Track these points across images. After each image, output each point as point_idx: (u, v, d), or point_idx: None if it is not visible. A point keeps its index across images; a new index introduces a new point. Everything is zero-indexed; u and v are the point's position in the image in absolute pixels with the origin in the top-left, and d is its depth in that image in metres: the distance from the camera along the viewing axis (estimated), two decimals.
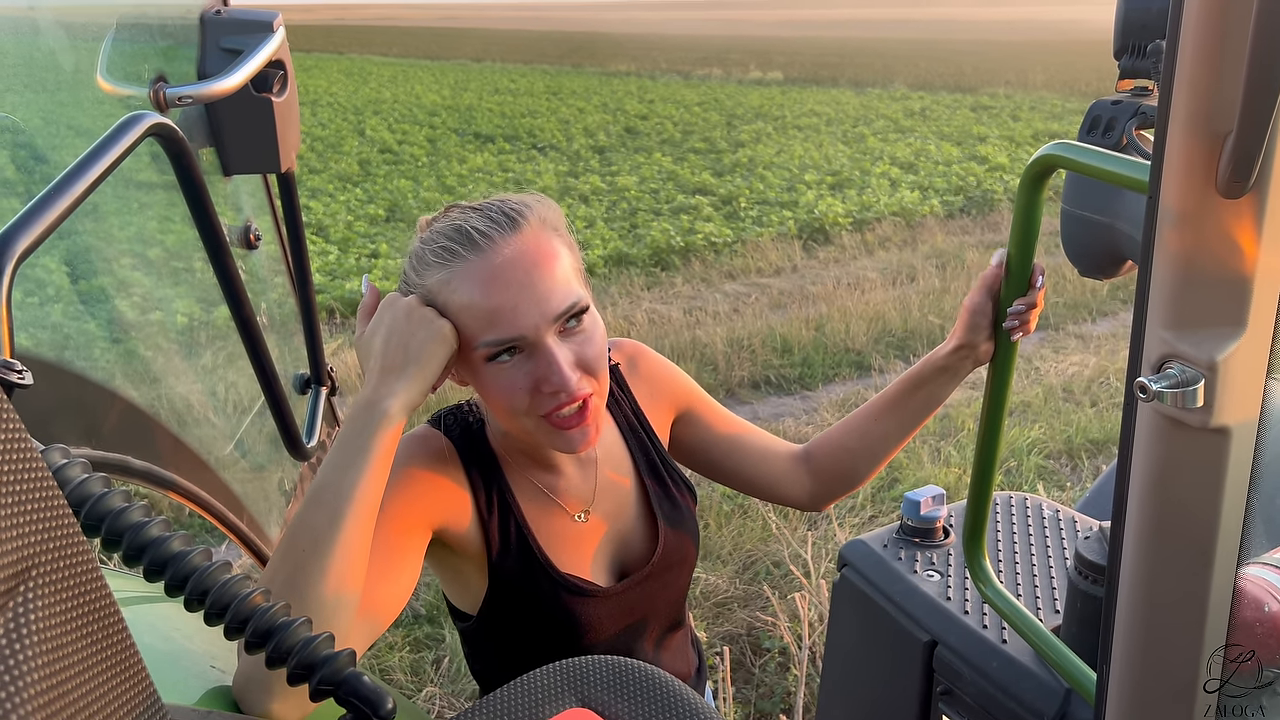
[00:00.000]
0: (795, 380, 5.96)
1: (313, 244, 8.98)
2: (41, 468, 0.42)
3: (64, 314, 1.29)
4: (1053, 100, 21.46)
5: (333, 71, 32.19)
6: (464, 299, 1.06)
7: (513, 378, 1.08)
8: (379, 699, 0.64)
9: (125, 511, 0.62)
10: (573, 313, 1.08)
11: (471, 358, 1.08)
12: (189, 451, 1.26)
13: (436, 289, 1.08)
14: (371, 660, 3.29)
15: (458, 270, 1.06)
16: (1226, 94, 0.70)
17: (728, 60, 35.67)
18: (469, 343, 1.07)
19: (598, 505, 1.31)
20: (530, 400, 1.08)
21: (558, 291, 1.07)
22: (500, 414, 1.14)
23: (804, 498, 1.48)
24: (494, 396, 1.10)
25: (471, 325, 1.06)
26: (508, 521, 1.22)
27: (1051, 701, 1.38)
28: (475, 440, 1.24)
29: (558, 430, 1.11)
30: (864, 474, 1.46)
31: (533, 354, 1.07)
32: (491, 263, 1.06)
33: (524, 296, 1.05)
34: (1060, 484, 4.55)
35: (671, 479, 1.38)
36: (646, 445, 1.38)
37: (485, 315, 1.05)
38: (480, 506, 1.20)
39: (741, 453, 1.46)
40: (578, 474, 1.30)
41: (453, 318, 1.07)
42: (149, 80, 1.14)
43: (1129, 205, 1.17)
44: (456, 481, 1.20)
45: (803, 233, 9.69)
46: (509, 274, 1.05)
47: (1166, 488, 0.83)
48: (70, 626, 0.42)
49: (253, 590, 0.65)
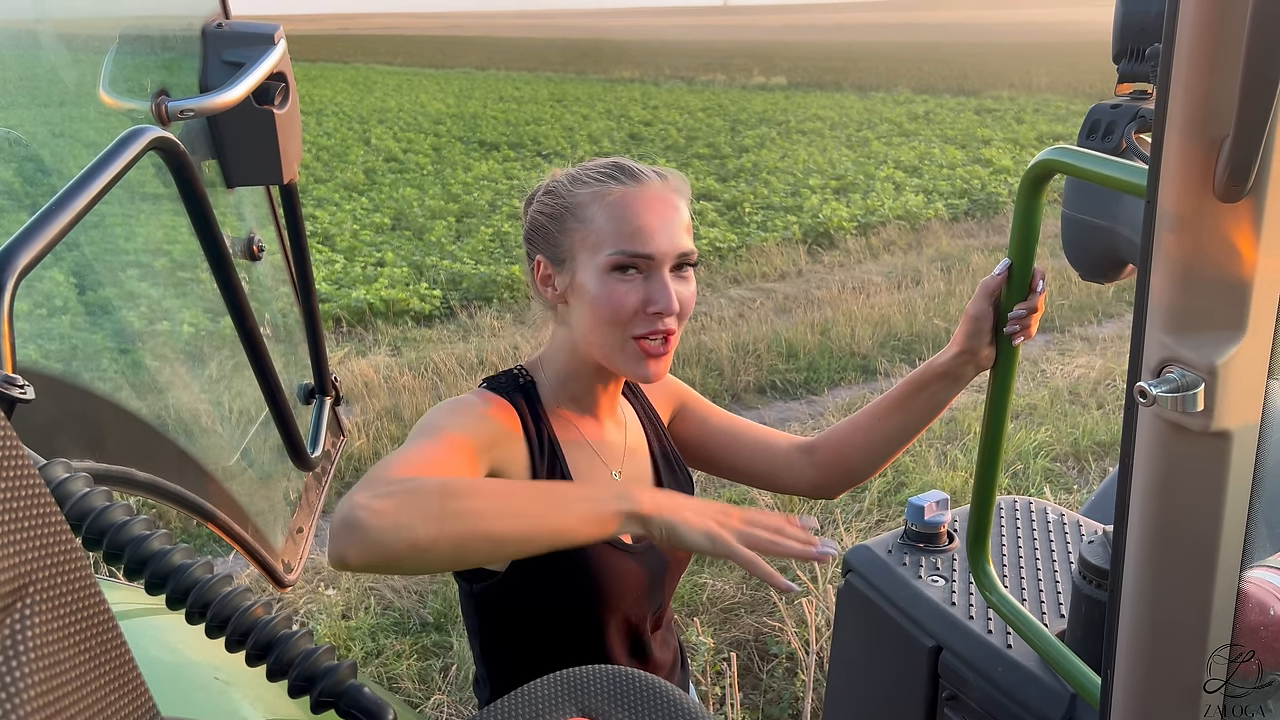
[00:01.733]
0: (801, 385, 5.95)
1: (318, 253, 9.01)
2: (39, 483, 0.42)
3: (68, 326, 1.30)
4: (1056, 102, 21.44)
5: (338, 81, 32.30)
6: (614, 211, 1.23)
7: (627, 290, 1.22)
8: (380, 711, 0.64)
9: (126, 525, 0.62)
10: (689, 260, 1.27)
11: (596, 263, 1.23)
12: (193, 463, 1.26)
13: (588, 200, 1.25)
14: (379, 668, 3.29)
15: (614, 188, 1.24)
16: (1223, 98, 0.70)
17: (731, 65, 35.72)
18: (600, 248, 1.23)
19: (626, 468, 1.41)
20: (632, 317, 1.23)
21: (683, 236, 1.26)
22: (599, 322, 1.25)
23: (805, 487, 1.53)
24: (603, 303, 1.23)
25: (611, 235, 1.22)
26: (554, 470, 1.31)
27: (1057, 706, 1.38)
28: (528, 395, 1.34)
29: (642, 354, 1.25)
30: (866, 471, 1.51)
31: (650, 277, 1.23)
32: (645, 192, 1.25)
33: (664, 225, 1.24)
34: (1067, 486, 4.53)
35: (678, 468, 1.49)
36: (660, 433, 1.49)
37: (630, 228, 1.22)
38: (534, 452, 1.30)
39: (738, 444, 1.54)
40: (613, 429, 1.41)
41: (595, 225, 1.23)
42: (151, 94, 1.14)
43: (1128, 209, 1.17)
44: (513, 425, 1.29)
45: (807, 237, 9.69)
46: (656, 204, 1.24)
47: (1168, 492, 0.83)
48: (68, 643, 0.42)
49: (253, 603, 0.65)
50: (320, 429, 1.67)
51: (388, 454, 1.22)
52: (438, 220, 10.56)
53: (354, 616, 3.58)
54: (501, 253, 9.14)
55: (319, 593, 3.73)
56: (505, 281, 8.05)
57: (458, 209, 11.18)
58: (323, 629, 3.47)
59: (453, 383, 5.83)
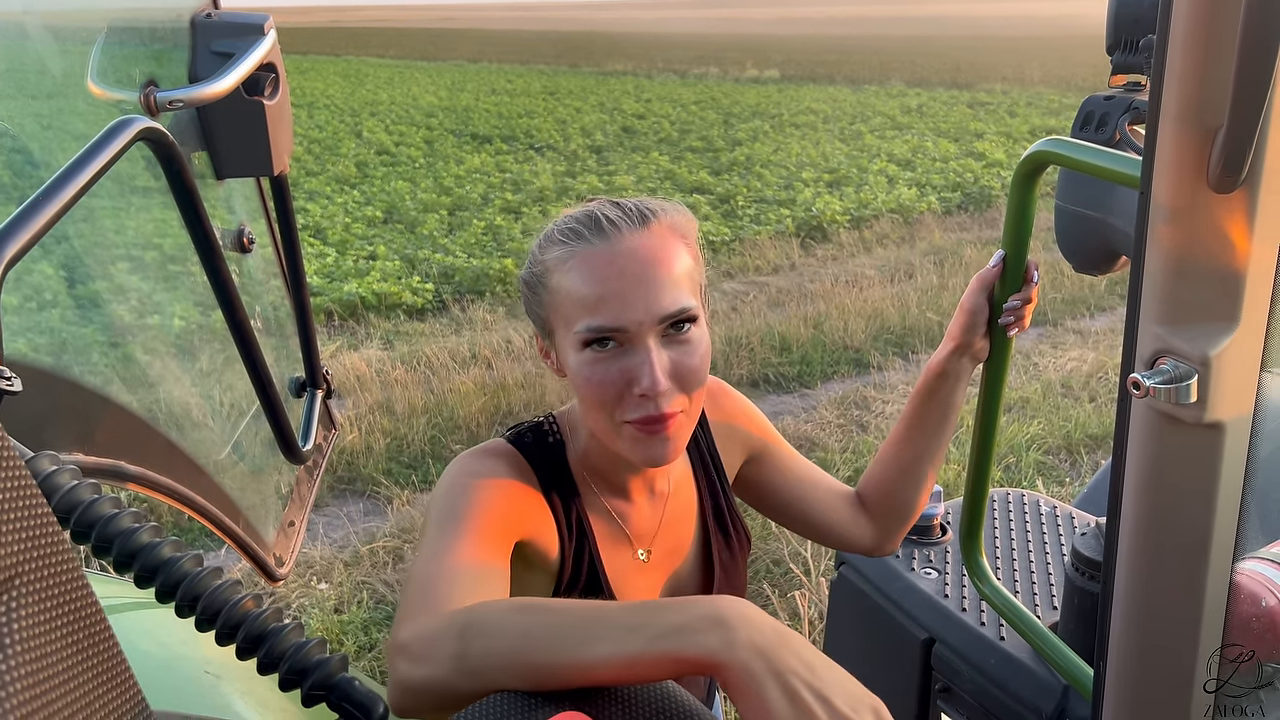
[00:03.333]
0: (794, 378, 5.96)
1: (310, 246, 8.98)
2: (25, 476, 0.42)
3: (57, 319, 1.29)
4: (1050, 96, 21.46)
5: (329, 73, 32.19)
6: (577, 279, 1.05)
7: (606, 370, 1.05)
8: (370, 704, 0.64)
9: (115, 518, 0.62)
10: (680, 318, 1.05)
11: (569, 340, 1.07)
12: (184, 456, 1.26)
13: (553, 265, 1.08)
14: (372, 662, 3.29)
15: (579, 251, 1.06)
16: (1217, 88, 0.69)
17: (724, 59, 35.66)
18: (570, 323, 1.06)
19: (659, 543, 1.28)
20: (618, 401, 1.06)
21: (669, 293, 1.04)
22: (587, 407, 1.10)
23: (868, 541, 1.42)
24: (583, 386, 1.07)
25: (578, 307, 1.05)
26: (583, 550, 1.19)
27: (1049, 698, 1.38)
28: (554, 460, 1.20)
29: (640, 435, 1.07)
30: (912, 500, 1.40)
31: (630, 350, 1.05)
32: (612, 250, 1.05)
33: (635, 290, 1.03)
34: (1059, 479, 4.55)
35: (734, 527, 1.35)
36: (716, 489, 1.34)
37: (593, 299, 1.03)
38: (561, 529, 1.17)
39: (810, 499, 1.41)
40: (647, 505, 1.26)
41: (562, 296, 1.06)
42: (140, 85, 1.13)
43: (1122, 201, 1.17)
44: (539, 500, 1.16)
45: (800, 231, 9.69)
46: (625, 264, 1.04)
47: (1161, 483, 0.83)
48: (55, 635, 0.42)
49: (244, 596, 0.65)
50: (312, 422, 1.66)
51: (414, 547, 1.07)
52: (430, 213, 10.53)
53: (346, 610, 3.57)
54: (494, 246, 9.12)
55: (311, 587, 3.73)
56: (498, 275, 8.03)
57: (450, 202, 11.15)
58: (315, 623, 3.47)
59: (445, 376, 5.82)
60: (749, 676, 0.68)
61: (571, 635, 0.75)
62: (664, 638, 0.72)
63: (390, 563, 3.90)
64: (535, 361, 6.02)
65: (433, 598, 0.90)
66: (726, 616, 0.72)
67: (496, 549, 1.03)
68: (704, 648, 0.70)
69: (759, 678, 0.68)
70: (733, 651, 0.70)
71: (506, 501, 1.09)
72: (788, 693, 0.68)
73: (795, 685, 0.68)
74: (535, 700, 0.72)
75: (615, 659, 0.72)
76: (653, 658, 0.72)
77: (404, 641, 0.85)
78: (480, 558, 0.99)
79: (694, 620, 0.72)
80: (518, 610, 0.81)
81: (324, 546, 4.05)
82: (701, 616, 0.72)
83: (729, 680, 0.70)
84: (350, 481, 4.66)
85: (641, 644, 0.72)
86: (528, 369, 5.93)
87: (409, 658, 0.82)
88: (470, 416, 5.22)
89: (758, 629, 0.72)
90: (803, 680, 0.69)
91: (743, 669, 0.69)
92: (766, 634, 0.71)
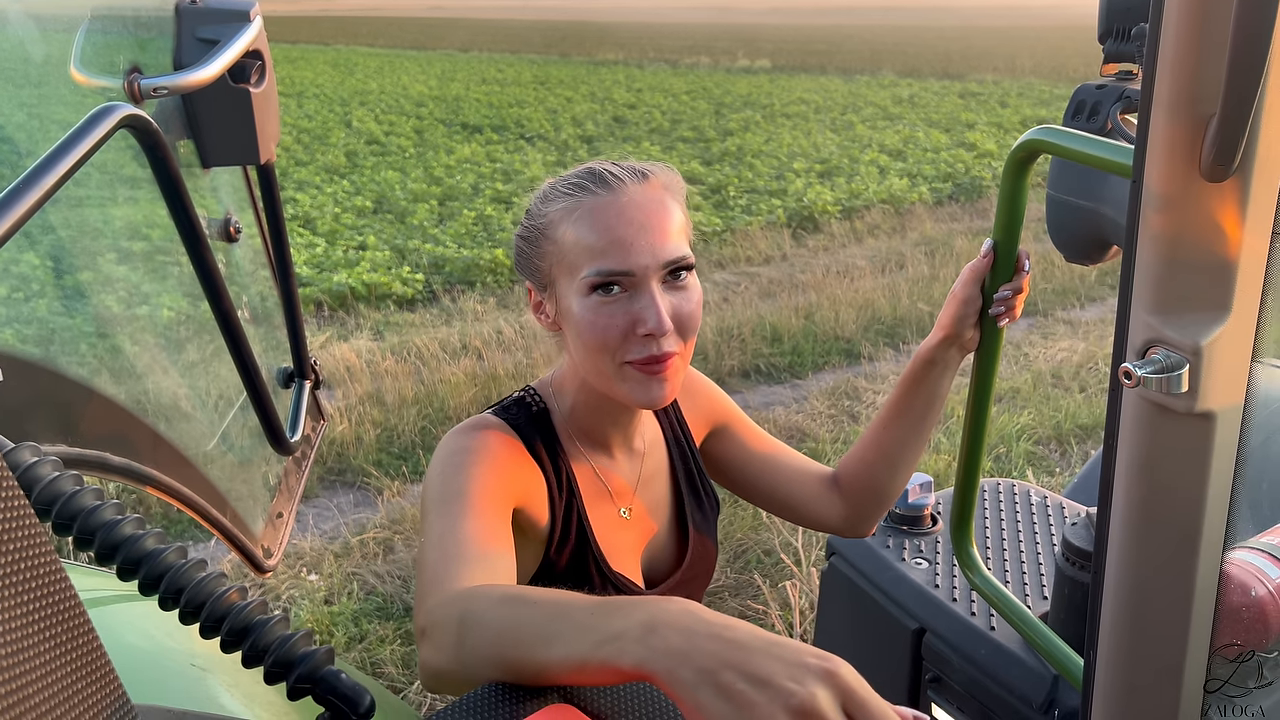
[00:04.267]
0: (785, 369, 5.96)
1: (299, 236, 8.93)
2: (1, 467, 0.41)
3: (39, 309, 1.28)
4: (1040, 86, 21.48)
5: (318, 63, 31.99)
6: (584, 227, 1.11)
7: (611, 313, 1.11)
8: (357, 696, 0.63)
9: (97, 510, 0.61)
10: (680, 265, 1.13)
11: (574, 286, 1.12)
12: (170, 448, 1.25)
13: (559, 217, 1.14)
14: (362, 653, 3.28)
15: (584, 201, 1.12)
16: (1209, 77, 0.69)
17: (715, 49, 35.60)
18: (575, 270, 1.11)
19: (638, 501, 1.33)
20: (621, 342, 1.11)
21: (671, 240, 1.12)
22: (588, 351, 1.14)
23: (838, 520, 1.44)
24: (587, 330, 1.12)
25: (585, 253, 1.10)
26: (571, 510, 1.23)
27: (1039, 687, 1.38)
28: (541, 425, 1.25)
29: (641, 375, 1.12)
30: (889, 484, 1.41)
31: (635, 294, 1.11)
32: (617, 200, 1.12)
33: (641, 235, 1.10)
34: (1049, 470, 4.56)
35: (703, 489, 1.40)
36: (686, 454, 1.40)
37: (602, 245, 1.10)
38: (552, 488, 1.22)
39: (775, 472, 1.43)
40: (626, 463, 1.32)
41: (568, 245, 1.12)
42: (124, 71, 1.12)
43: (1114, 190, 1.17)
44: (531, 464, 1.21)
45: (792, 221, 9.68)
46: (631, 213, 1.11)
47: (1152, 473, 0.83)
48: (32, 629, 0.41)
49: (228, 587, 0.64)
50: (300, 413, 1.65)
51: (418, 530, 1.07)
52: (420, 203, 10.49)
53: (336, 601, 3.57)
54: (484, 236, 9.09)
55: (301, 578, 3.72)
56: (488, 265, 8.01)
57: (440, 192, 11.11)
58: (305, 614, 3.46)
59: (435, 367, 5.80)
60: (679, 685, 0.63)
61: (537, 634, 0.72)
62: (604, 645, 0.68)
63: (380, 554, 3.90)
64: (526, 352, 6.01)
65: (444, 579, 0.94)
66: (656, 622, 0.67)
67: (499, 520, 1.07)
68: (634, 657, 0.66)
69: (689, 683, 0.63)
70: (659, 660, 0.65)
71: (500, 472, 1.13)
72: (722, 691, 0.62)
73: (727, 680, 0.62)
74: (525, 692, 0.71)
75: (567, 662, 0.69)
76: (596, 665, 0.68)
77: (422, 626, 0.89)
78: (485, 532, 1.03)
79: (630, 627, 0.68)
80: (503, 602, 0.80)
81: (314, 538, 4.04)
82: (637, 623, 0.67)
83: (666, 691, 0.65)
84: (340, 473, 4.65)
85: (586, 651, 0.68)
86: (518, 359, 5.92)
87: (428, 642, 0.86)
88: (461, 407, 5.21)
89: (683, 630, 0.66)
90: (736, 671, 0.62)
91: (671, 677, 0.64)
92: (694, 631, 0.66)
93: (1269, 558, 1.03)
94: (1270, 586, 0.99)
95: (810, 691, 0.60)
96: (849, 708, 0.61)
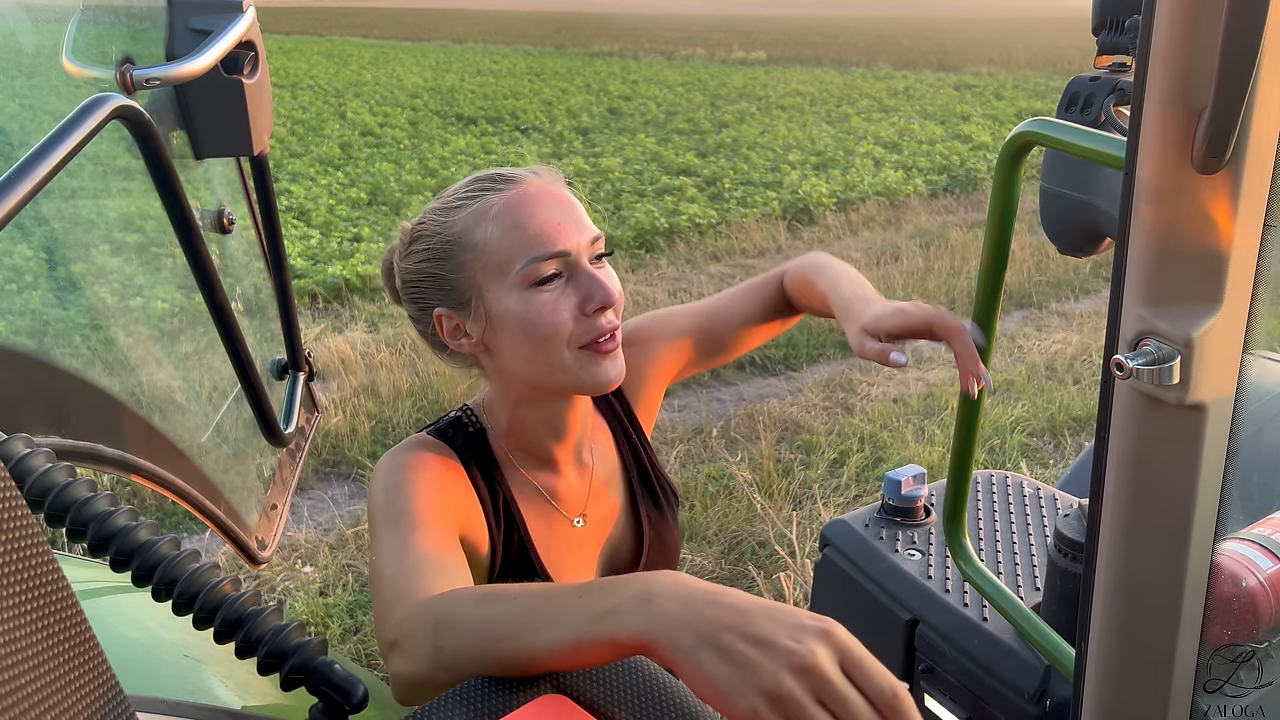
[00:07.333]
0: (780, 361, 5.96)
1: (294, 228, 8.91)
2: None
3: (32, 301, 1.28)
4: (1036, 78, 21.48)
5: (313, 54, 31.86)
6: (505, 222, 1.09)
7: (556, 299, 1.09)
8: (350, 687, 0.63)
9: (89, 501, 0.61)
10: (603, 246, 1.14)
11: (509, 283, 1.09)
12: (164, 439, 1.25)
13: (471, 223, 1.10)
14: (358, 645, 3.29)
15: (494, 200, 1.10)
16: (1202, 69, 0.69)
17: (711, 40, 35.54)
18: (507, 266, 1.08)
19: (592, 510, 1.31)
20: (574, 326, 1.10)
21: (588, 221, 1.13)
22: (537, 346, 1.11)
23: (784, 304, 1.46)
24: (534, 323, 1.09)
25: (513, 245, 1.08)
26: (512, 533, 1.21)
27: (1032, 678, 1.39)
28: (477, 447, 1.22)
29: (594, 356, 1.11)
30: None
31: (574, 275, 1.10)
32: (526, 191, 1.11)
33: (565, 216, 1.10)
34: (1043, 461, 4.57)
35: (659, 485, 1.39)
36: (638, 450, 1.38)
37: (531, 232, 1.08)
38: (489, 516, 1.19)
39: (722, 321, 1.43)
40: (575, 475, 1.29)
41: (492, 246, 1.09)
42: (116, 62, 1.11)
43: (1107, 182, 1.17)
44: (469, 490, 1.18)
45: (787, 213, 9.68)
46: (545, 199, 1.11)
47: (1144, 465, 0.83)
48: (25, 621, 0.41)
49: (221, 579, 0.64)
50: (294, 405, 1.65)
51: (371, 557, 1.02)
52: (415, 195, 10.46)
53: (332, 593, 3.57)
54: None
55: (296, 569, 3.72)
56: None
57: (435, 184, 11.08)
58: (300, 606, 3.46)
59: (429, 359, 5.79)
60: (680, 650, 0.64)
61: (523, 624, 0.73)
62: (599, 620, 0.69)
63: None
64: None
65: (407, 592, 0.91)
66: (651, 593, 0.68)
67: (448, 534, 1.05)
68: (631, 629, 0.67)
69: (689, 648, 0.64)
70: (658, 627, 0.66)
71: (442, 491, 1.11)
72: (724, 653, 0.63)
73: (728, 642, 0.63)
74: (516, 683, 0.72)
75: (560, 646, 0.70)
76: (591, 643, 0.68)
77: (391, 639, 0.86)
78: (439, 546, 1.01)
79: (624, 601, 0.69)
80: (481, 601, 0.80)
81: (309, 529, 4.04)
82: (630, 596, 0.69)
83: (665, 660, 0.66)
84: (335, 464, 4.65)
85: (580, 629, 0.69)
86: None
87: (399, 654, 0.83)
88: (455, 400, 5.21)
89: (679, 598, 0.67)
90: (736, 633, 0.63)
91: (671, 644, 0.65)
92: (690, 599, 0.67)
93: (1260, 549, 1.03)
94: (1261, 577, 1.00)
95: (810, 649, 0.62)
96: (846, 665, 0.63)
